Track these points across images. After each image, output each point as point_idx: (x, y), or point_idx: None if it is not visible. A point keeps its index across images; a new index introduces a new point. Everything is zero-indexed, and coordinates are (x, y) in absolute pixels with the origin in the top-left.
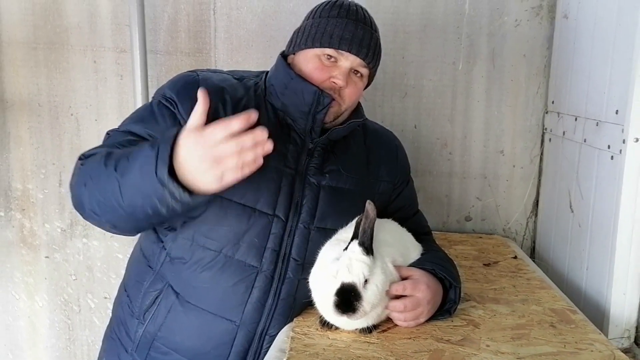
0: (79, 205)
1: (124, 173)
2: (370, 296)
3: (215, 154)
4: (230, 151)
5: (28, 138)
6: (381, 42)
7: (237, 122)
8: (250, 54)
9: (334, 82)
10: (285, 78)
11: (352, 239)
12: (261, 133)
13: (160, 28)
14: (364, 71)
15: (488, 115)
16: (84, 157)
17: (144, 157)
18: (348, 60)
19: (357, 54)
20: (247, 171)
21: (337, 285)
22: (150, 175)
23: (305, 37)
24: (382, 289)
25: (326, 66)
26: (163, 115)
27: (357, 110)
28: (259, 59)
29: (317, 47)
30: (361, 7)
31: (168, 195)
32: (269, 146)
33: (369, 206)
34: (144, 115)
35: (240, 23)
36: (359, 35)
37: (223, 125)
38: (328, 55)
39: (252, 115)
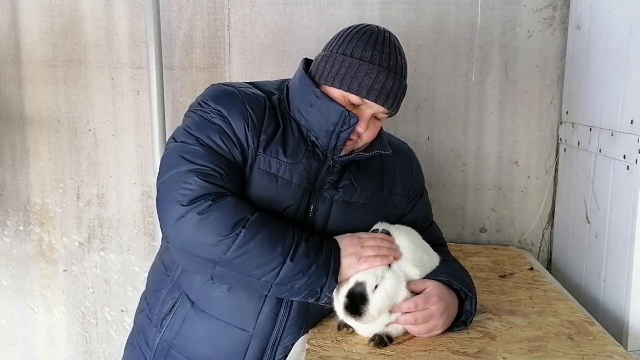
0: (197, 243)
1: (294, 259)
2: (377, 301)
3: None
4: (372, 249)
5: (47, 153)
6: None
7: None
8: (264, 68)
9: (354, 128)
10: (311, 96)
11: None
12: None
13: (176, 44)
14: (385, 116)
15: (502, 127)
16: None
17: (319, 262)
18: (372, 109)
19: (382, 104)
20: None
21: (351, 284)
22: (318, 280)
23: (333, 75)
24: (391, 294)
25: (349, 107)
26: (233, 133)
27: (381, 138)
28: (272, 73)
29: (344, 90)
30: (394, 45)
31: (317, 295)
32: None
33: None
34: (213, 128)
35: (254, 38)
36: (388, 87)
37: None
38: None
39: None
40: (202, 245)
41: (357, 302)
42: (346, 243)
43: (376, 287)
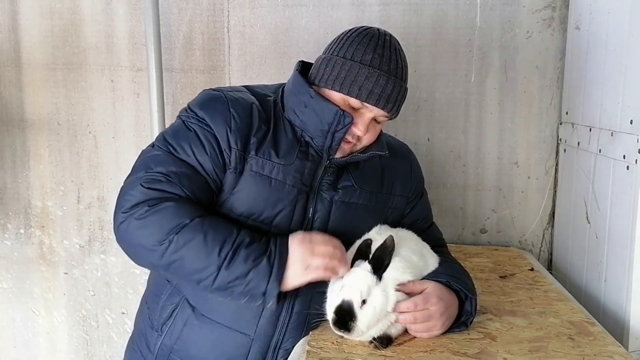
0: (137, 247)
1: (230, 266)
2: (365, 317)
3: (310, 262)
4: (322, 258)
5: (47, 156)
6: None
7: (337, 252)
8: (263, 70)
9: (354, 131)
10: (305, 96)
11: (359, 258)
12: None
13: (176, 46)
14: (385, 119)
15: (502, 127)
16: (157, 200)
17: (258, 268)
18: (372, 112)
19: (382, 108)
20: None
21: (338, 302)
22: (258, 286)
23: (333, 78)
24: (379, 310)
25: (349, 110)
26: (207, 140)
27: (379, 139)
28: (272, 75)
29: (344, 94)
30: (395, 48)
31: (260, 299)
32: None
33: (389, 240)
34: (185, 135)
35: (254, 40)
36: (388, 91)
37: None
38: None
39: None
40: (141, 249)
41: (345, 319)
42: (295, 247)
43: (364, 301)
